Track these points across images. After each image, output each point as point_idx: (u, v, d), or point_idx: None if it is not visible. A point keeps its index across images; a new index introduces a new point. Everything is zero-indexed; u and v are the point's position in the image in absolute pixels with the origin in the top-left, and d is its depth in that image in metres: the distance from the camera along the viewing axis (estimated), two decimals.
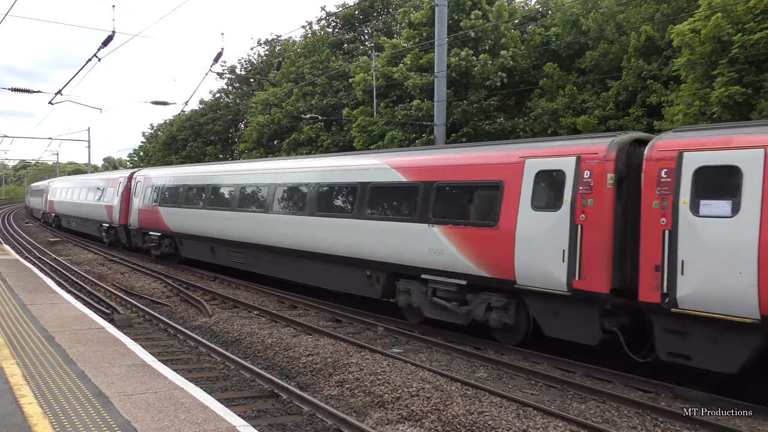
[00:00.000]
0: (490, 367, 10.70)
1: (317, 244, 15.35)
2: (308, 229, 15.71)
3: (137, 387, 7.16)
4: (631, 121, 20.85)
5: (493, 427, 7.60)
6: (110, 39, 17.19)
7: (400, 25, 36.21)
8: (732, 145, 8.53)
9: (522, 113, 25.90)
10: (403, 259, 12.96)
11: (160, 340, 12.79)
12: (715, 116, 16.10)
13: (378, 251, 13.53)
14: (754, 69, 16.05)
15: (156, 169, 27.61)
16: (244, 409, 8.52)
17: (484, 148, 12.74)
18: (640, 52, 21.15)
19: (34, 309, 11.81)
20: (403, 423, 8.08)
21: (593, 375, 10.03)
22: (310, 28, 43.05)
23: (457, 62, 24.58)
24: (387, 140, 26.54)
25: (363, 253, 13.93)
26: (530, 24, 28.36)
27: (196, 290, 18.46)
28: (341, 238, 14.59)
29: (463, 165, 12.32)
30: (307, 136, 35.33)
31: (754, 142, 8.36)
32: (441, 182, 12.48)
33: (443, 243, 12.04)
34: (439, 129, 20.65)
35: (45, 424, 5.89)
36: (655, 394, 9.17)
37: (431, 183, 12.61)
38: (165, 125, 59.23)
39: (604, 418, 8.21)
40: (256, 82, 48.99)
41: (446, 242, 11.98)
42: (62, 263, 24.10)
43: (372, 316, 14.41)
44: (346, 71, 33.85)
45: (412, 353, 11.56)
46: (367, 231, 13.89)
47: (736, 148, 8.45)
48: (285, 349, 11.56)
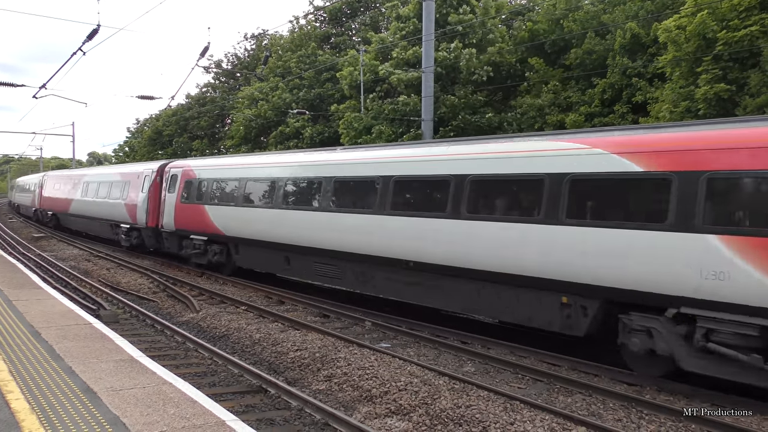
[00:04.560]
0: (477, 361, 10.77)
1: (475, 257, 11.32)
2: (460, 236, 11.61)
3: (125, 382, 7.14)
4: (616, 118, 21.02)
5: (481, 420, 7.67)
6: (95, 32, 17.04)
7: (387, 20, 36.21)
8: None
9: (509, 108, 26.02)
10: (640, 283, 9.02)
11: (147, 335, 12.74)
12: (701, 113, 16.28)
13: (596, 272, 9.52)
14: (738, 66, 16.24)
15: (197, 160, 23.18)
16: (232, 404, 8.52)
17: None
18: (626, 49, 21.30)
19: (20, 305, 11.72)
20: (391, 417, 8.13)
21: (579, 369, 10.13)
22: (297, 22, 42.95)
23: (445, 57, 24.64)
24: (375, 134, 26.56)
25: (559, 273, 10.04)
26: (516, 19, 28.49)
27: (182, 286, 18.39)
28: (532, 250, 10.38)
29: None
30: (293, 129, 35.28)
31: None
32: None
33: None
34: (427, 124, 20.70)
35: (33, 420, 5.86)
36: (640, 387, 9.28)
37: (698, 174, 8.53)
38: (151, 120, 58.81)
39: (590, 411, 8.31)
40: (242, 76, 48.78)
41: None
42: (47, 259, 23.90)
43: (360, 311, 14.43)
44: (333, 65, 33.82)
45: (400, 348, 11.61)
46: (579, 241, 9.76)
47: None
48: (273, 345, 11.56)
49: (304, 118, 34.53)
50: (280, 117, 36.52)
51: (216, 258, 19.78)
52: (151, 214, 23.29)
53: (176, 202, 21.48)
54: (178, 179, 21.85)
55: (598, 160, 9.69)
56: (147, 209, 23.56)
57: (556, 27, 24.79)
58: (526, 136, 11.90)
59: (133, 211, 24.57)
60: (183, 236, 21.41)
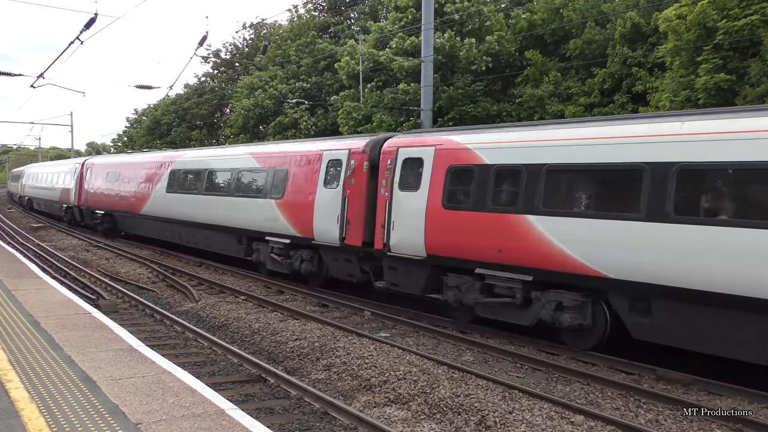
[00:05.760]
0: (476, 350, 10.79)
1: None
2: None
3: (125, 371, 7.15)
4: (616, 108, 20.97)
5: (480, 409, 7.69)
6: (93, 21, 16.95)
7: (386, 9, 36.06)
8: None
9: (508, 98, 25.97)
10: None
11: (146, 325, 12.76)
12: (701, 103, 16.24)
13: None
14: (738, 55, 16.19)
15: (478, 133, 12.38)
16: (231, 393, 8.54)
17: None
18: (626, 39, 21.23)
19: (19, 294, 11.72)
20: (390, 406, 8.16)
21: (578, 358, 10.16)
22: (296, 12, 42.77)
23: (442, 44, 24.55)
24: (376, 123, 26.50)
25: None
26: (515, 9, 28.37)
27: (182, 276, 18.40)
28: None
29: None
30: (291, 119, 35.19)
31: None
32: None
33: None
34: (426, 114, 20.66)
35: (32, 409, 5.88)
36: (639, 376, 9.31)
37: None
38: (149, 110, 58.59)
39: (588, 400, 8.33)
40: (241, 66, 48.61)
41: None
42: (46, 249, 23.90)
43: (359, 301, 14.46)
44: (332, 54, 33.71)
45: (399, 337, 11.64)
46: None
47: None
48: (272, 334, 11.59)
49: (302, 109, 34.43)
50: (278, 107, 36.42)
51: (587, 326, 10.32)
52: (355, 226, 14.04)
53: (430, 207, 12.26)
54: (426, 166, 12.55)
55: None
56: (343, 215, 14.19)
57: (555, 16, 24.69)
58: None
59: (304, 216, 15.44)
60: (451, 269, 12.11)
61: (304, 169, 15.78)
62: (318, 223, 14.91)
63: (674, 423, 7.56)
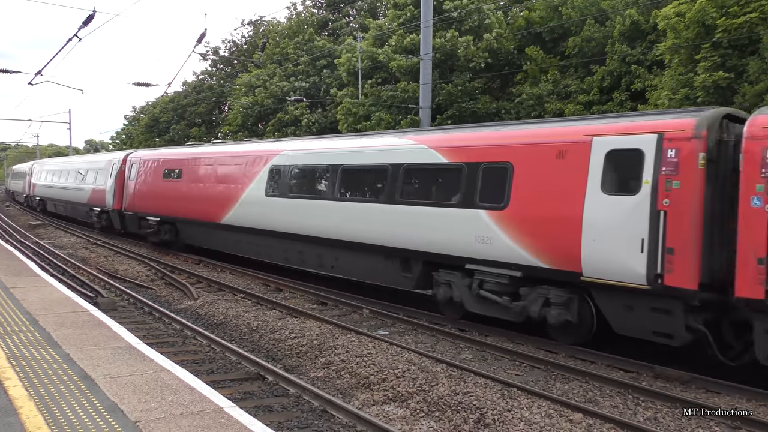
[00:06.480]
0: (475, 348, 10.80)
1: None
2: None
3: (123, 369, 7.14)
4: (614, 105, 20.99)
5: (478, 407, 7.70)
6: (91, 18, 16.93)
7: (385, 6, 36.02)
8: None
9: (507, 95, 25.96)
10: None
11: (145, 323, 12.75)
12: (699, 101, 16.25)
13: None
14: (737, 53, 16.20)
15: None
16: (230, 391, 8.54)
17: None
18: (625, 36, 21.23)
19: (17, 292, 11.71)
20: (389, 404, 8.16)
21: (576, 356, 10.17)
22: (294, 9, 42.71)
23: (443, 44, 24.52)
24: (375, 121, 26.48)
25: None
26: (513, 7, 28.36)
27: (180, 273, 18.39)
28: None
29: None
30: (292, 116, 35.16)
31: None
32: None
33: None
34: (425, 111, 20.64)
35: (31, 407, 5.87)
36: (637, 373, 9.32)
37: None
38: (147, 107, 58.52)
39: (586, 398, 8.34)
40: (240, 63, 48.55)
41: None
42: (44, 247, 23.87)
43: (357, 299, 14.46)
44: (330, 52, 33.67)
45: (398, 335, 11.64)
46: None
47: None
48: (271, 332, 11.58)
49: (302, 106, 34.41)
50: (278, 105, 36.39)
51: None
52: (683, 257, 8.92)
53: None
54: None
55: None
56: (657, 240, 9.11)
57: (554, 14, 24.67)
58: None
59: (557, 237, 10.39)
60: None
61: (551, 165, 10.56)
62: (592, 250, 9.74)
63: (673, 420, 7.57)
